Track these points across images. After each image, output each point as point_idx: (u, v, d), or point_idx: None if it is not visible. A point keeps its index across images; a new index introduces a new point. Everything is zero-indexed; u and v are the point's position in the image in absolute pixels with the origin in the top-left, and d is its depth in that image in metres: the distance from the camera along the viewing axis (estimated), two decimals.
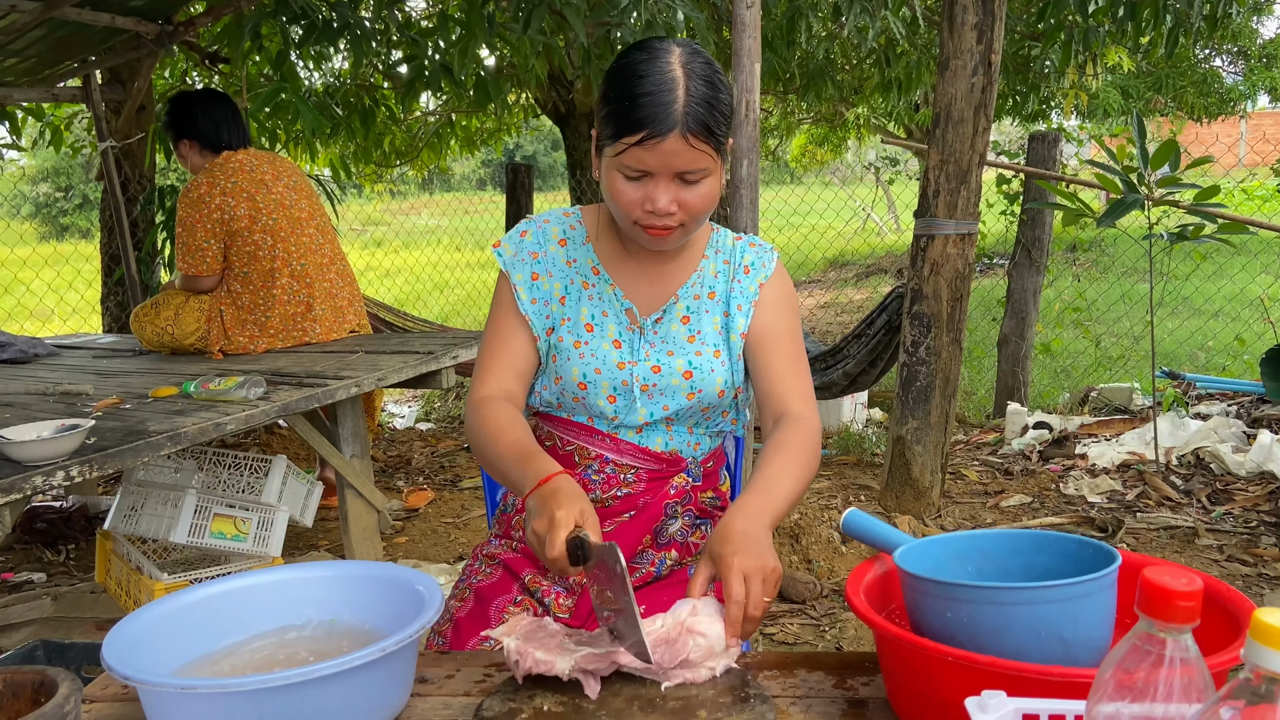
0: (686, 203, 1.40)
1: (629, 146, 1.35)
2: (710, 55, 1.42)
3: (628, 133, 1.34)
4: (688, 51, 1.38)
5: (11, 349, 3.60)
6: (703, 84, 1.35)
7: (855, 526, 1.27)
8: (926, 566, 1.16)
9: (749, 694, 1.06)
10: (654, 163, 1.35)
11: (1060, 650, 0.98)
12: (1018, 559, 1.16)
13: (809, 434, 1.45)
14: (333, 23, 4.29)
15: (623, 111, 1.35)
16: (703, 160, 1.37)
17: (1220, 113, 12.11)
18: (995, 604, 1.01)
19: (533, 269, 1.56)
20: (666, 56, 1.36)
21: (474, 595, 1.50)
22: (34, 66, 4.70)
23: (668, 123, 1.33)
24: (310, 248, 3.48)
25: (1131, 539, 3.67)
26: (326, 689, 1.00)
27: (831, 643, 3.00)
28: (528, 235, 1.58)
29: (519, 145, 24.80)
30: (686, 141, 1.34)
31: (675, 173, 1.37)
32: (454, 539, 4.02)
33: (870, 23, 4.67)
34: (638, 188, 1.39)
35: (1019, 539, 1.18)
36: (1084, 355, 6.68)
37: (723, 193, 1.47)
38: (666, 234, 1.43)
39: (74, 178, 22.95)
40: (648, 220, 1.40)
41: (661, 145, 1.34)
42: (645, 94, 1.33)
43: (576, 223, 1.60)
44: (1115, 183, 3.96)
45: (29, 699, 0.93)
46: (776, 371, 1.53)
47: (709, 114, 1.35)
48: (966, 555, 1.19)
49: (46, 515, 4.09)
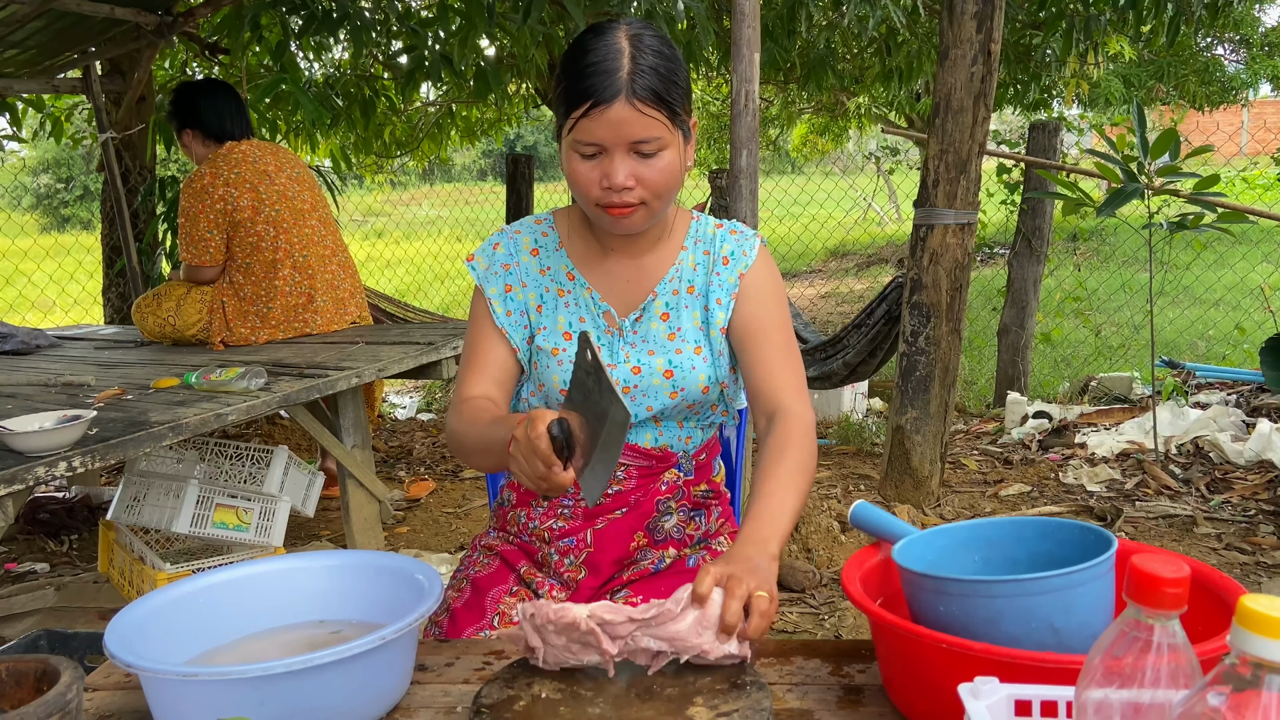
0: (644, 178, 1.36)
1: (578, 120, 1.33)
2: (663, 32, 1.40)
3: (575, 105, 1.33)
4: (637, 26, 1.37)
5: (13, 340, 3.61)
6: (650, 54, 1.33)
7: (863, 518, 1.27)
8: (930, 558, 1.16)
9: (745, 681, 1.07)
10: (605, 134, 1.33)
11: (1054, 639, 0.99)
12: (1023, 547, 1.16)
13: (804, 433, 1.41)
14: (332, 13, 4.29)
15: (571, 86, 1.34)
16: (654, 128, 1.34)
17: (1222, 101, 12.07)
18: (986, 597, 1.01)
19: (505, 281, 1.54)
20: (614, 32, 1.35)
21: (471, 585, 1.51)
22: (34, 58, 4.70)
23: (612, 89, 1.31)
24: (312, 239, 3.48)
25: (1130, 528, 3.68)
26: (327, 677, 1.01)
27: (831, 631, 3.01)
28: (500, 247, 1.56)
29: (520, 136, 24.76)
30: (634, 108, 1.31)
31: (628, 144, 1.34)
32: (455, 529, 4.04)
33: (870, 11, 4.66)
34: (594, 166, 1.36)
35: (1024, 526, 1.17)
36: (1084, 344, 6.68)
37: (714, 181, 1.46)
38: (629, 212, 1.39)
39: (75, 169, 22.92)
40: (607, 199, 1.37)
41: (608, 113, 1.31)
42: (589, 64, 1.32)
43: (549, 229, 1.57)
44: (1115, 172, 3.96)
45: (31, 687, 0.94)
46: (766, 366, 1.49)
47: (657, 81, 1.33)
48: (972, 545, 1.19)
49: (50, 506, 4.11)
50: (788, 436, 1.40)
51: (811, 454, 1.40)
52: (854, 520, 1.28)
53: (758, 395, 1.49)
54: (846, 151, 16.74)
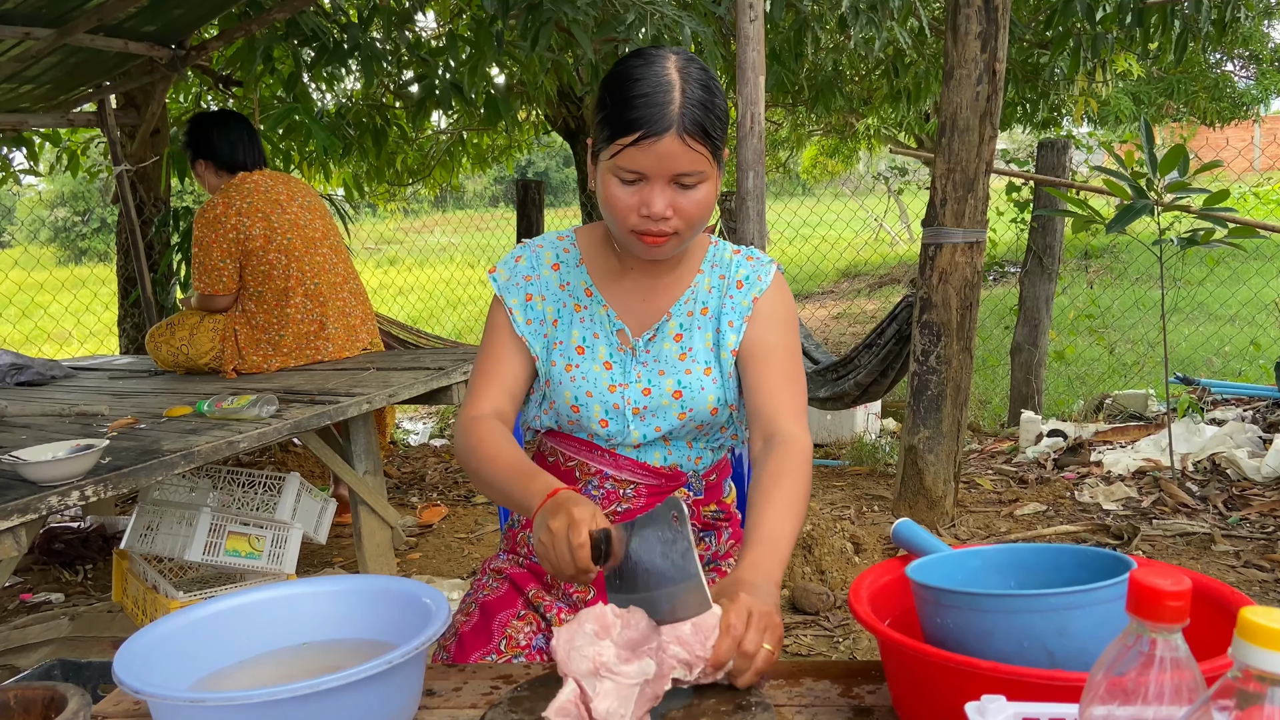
0: (682, 208, 1.38)
1: (624, 148, 1.34)
2: (706, 64, 1.42)
3: (623, 134, 1.34)
4: (683, 58, 1.38)
5: (29, 371, 3.64)
6: (699, 88, 1.35)
7: (905, 536, 1.26)
8: (960, 578, 1.15)
9: (750, 703, 1.06)
10: (649, 165, 1.34)
11: (1047, 662, 0.97)
12: (1060, 575, 1.13)
13: (800, 458, 1.40)
14: (343, 44, 4.34)
15: (619, 114, 1.35)
16: (699, 163, 1.36)
17: (1233, 117, 12.05)
18: (978, 610, 1.00)
19: (527, 291, 1.56)
20: (663, 62, 1.36)
21: (479, 610, 1.51)
22: (49, 92, 4.77)
23: (663, 122, 1.32)
24: (324, 267, 3.51)
25: (1147, 546, 3.65)
26: (334, 701, 1.01)
27: (845, 654, 2.99)
28: (522, 260, 1.58)
29: (531, 162, 24.92)
30: (683, 142, 1.33)
31: (671, 176, 1.36)
32: (467, 554, 4.03)
33: (877, 33, 4.69)
34: (633, 192, 1.38)
35: (1060, 554, 1.15)
36: (1098, 362, 6.65)
37: (723, 204, 1.47)
38: (662, 241, 1.40)
39: (92, 202, 23.15)
40: (643, 226, 1.38)
41: (657, 146, 1.33)
42: (641, 95, 1.33)
43: (570, 245, 1.59)
44: (1124, 188, 3.95)
45: (39, 715, 0.95)
46: (767, 388, 1.49)
47: (705, 116, 1.35)
48: (1008, 569, 1.17)
49: (64, 536, 4.12)
50: (785, 461, 1.39)
51: (807, 480, 1.40)
52: (896, 537, 1.27)
53: (757, 416, 1.48)
54: (856, 173, 16.77)
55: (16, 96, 4.72)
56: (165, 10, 4.06)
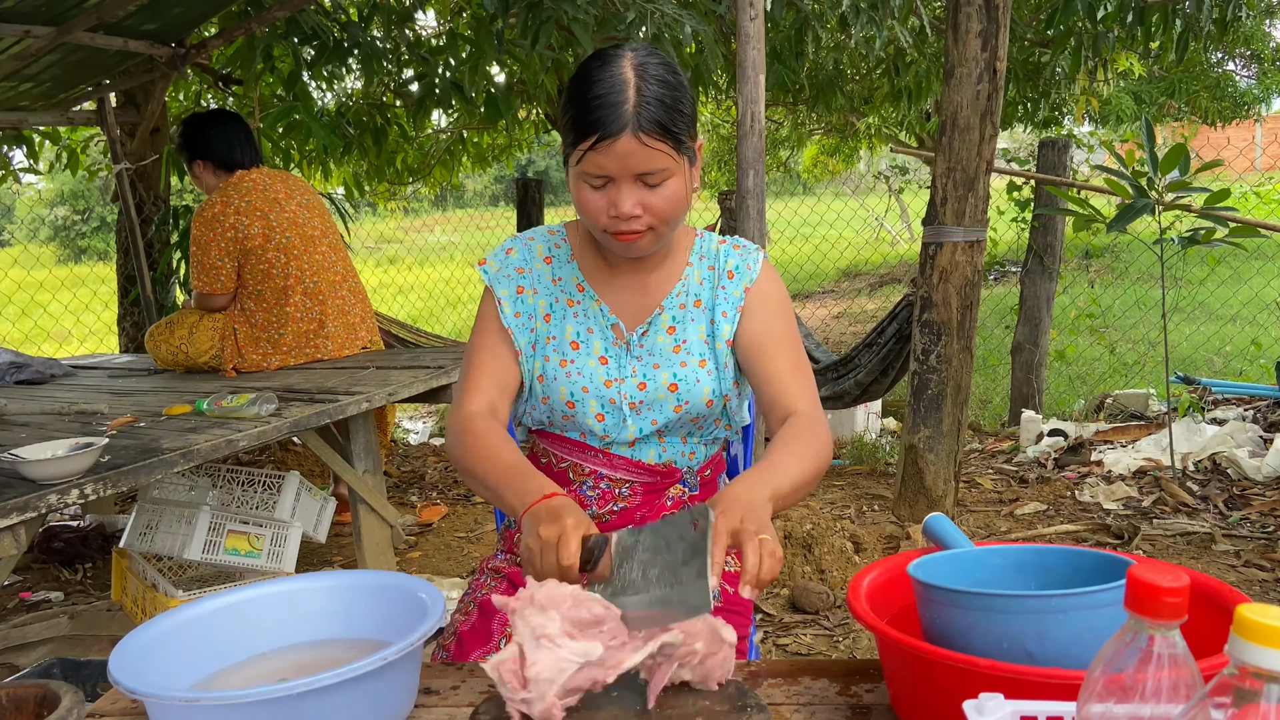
0: (651, 205, 1.37)
1: (585, 152, 1.34)
2: (668, 57, 1.40)
3: (582, 138, 1.34)
4: (642, 54, 1.37)
5: (29, 370, 3.64)
6: (656, 84, 1.34)
7: (935, 531, 1.26)
8: (978, 575, 1.14)
9: (745, 703, 1.06)
10: (611, 166, 1.34)
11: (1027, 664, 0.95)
12: (1079, 578, 1.12)
13: (817, 429, 1.42)
14: (344, 43, 4.34)
15: (577, 118, 1.34)
16: (660, 160, 1.35)
17: (1235, 116, 12.03)
18: (960, 608, 1.00)
19: (518, 283, 1.55)
20: (619, 61, 1.35)
21: (478, 609, 1.51)
22: (49, 91, 4.77)
23: (618, 123, 1.31)
24: (323, 265, 3.50)
25: (1148, 545, 3.64)
26: (330, 699, 1.01)
27: (845, 653, 2.99)
28: (514, 252, 1.58)
29: (531, 160, 24.90)
30: (640, 141, 1.32)
31: (635, 175, 1.35)
32: (467, 553, 4.03)
33: (877, 32, 4.68)
34: (602, 195, 1.38)
35: (1082, 557, 1.14)
36: (1099, 361, 6.64)
37: (723, 203, 1.47)
38: (637, 238, 1.40)
39: (92, 200, 23.15)
40: (615, 226, 1.39)
41: (615, 146, 1.32)
42: (596, 97, 1.33)
43: (561, 240, 1.59)
44: (1125, 188, 3.95)
45: (31, 713, 0.94)
46: (779, 378, 1.50)
47: (662, 112, 1.34)
48: (1028, 569, 1.17)
49: (64, 534, 4.12)
50: (802, 428, 1.41)
51: (825, 446, 1.40)
52: (926, 531, 1.27)
53: (773, 406, 1.49)
54: (857, 172, 16.77)
55: (16, 95, 4.71)
56: (165, 8, 4.05)
